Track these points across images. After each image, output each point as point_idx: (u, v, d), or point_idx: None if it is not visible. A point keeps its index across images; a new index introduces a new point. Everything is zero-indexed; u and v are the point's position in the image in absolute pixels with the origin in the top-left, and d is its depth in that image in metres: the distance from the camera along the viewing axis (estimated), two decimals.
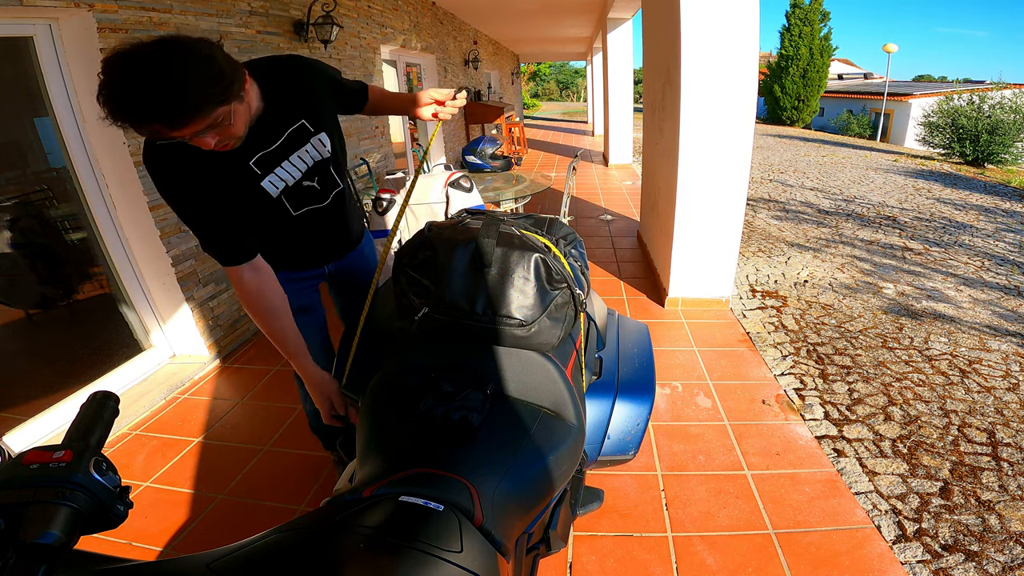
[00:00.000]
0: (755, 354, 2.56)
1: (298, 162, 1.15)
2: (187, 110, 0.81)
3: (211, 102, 0.84)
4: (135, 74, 0.77)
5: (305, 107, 1.13)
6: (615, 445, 1.14)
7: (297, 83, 1.12)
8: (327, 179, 1.23)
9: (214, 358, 2.64)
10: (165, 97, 0.78)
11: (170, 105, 0.79)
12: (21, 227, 2.24)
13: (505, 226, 0.99)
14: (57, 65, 2.03)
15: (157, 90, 0.78)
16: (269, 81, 1.07)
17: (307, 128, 1.14)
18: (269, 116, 1.07)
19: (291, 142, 1.12)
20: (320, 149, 1.17)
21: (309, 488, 1.79)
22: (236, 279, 1.10)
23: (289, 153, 1.13)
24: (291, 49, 3.33)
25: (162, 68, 0.78)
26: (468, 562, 0.53)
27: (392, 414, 0.85)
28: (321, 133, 1.16)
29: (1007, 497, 1.67)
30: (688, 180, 2.76)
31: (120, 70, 0.78)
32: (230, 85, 0.87)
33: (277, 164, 1.12)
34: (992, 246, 4.23)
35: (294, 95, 1.11)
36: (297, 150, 1.14)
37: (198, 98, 0.82)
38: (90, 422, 0.55)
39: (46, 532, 0.44)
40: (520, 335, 0.92)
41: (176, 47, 0.81)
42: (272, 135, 1.09)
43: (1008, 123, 9.26)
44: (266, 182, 1.11)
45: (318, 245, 1.33)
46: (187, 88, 0.80)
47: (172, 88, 0.78)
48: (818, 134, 15.72)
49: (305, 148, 1.15)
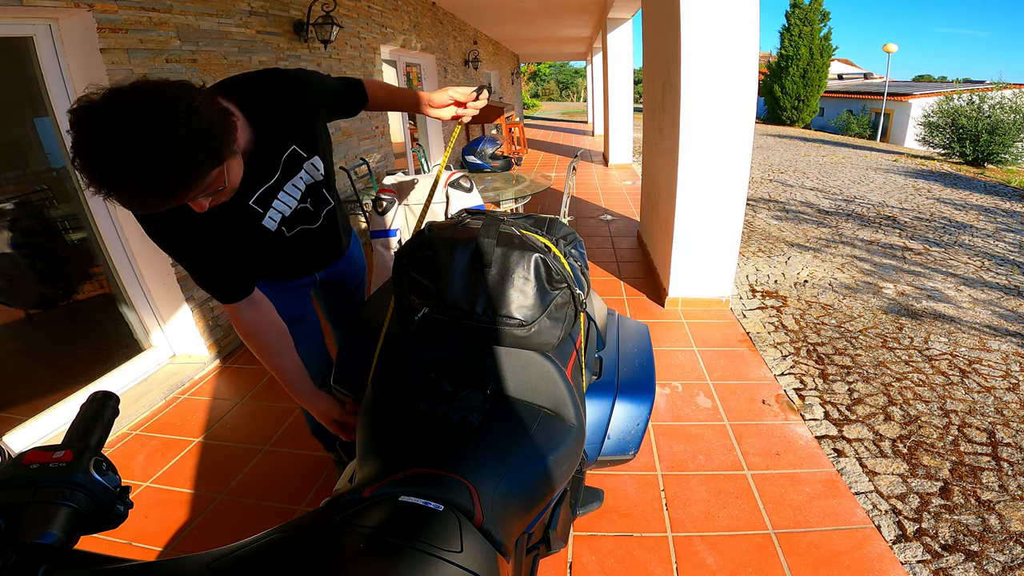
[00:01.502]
0: (755, 354, 2.56)
1: (293, 190, 1.08)
2: (182, 181, 0.70)
3: (207, 165, 0.73)
4: (118, 139, 0.64)
5: (295, 130, 1.03)
6: (615, 445, 1.14)
7: (284, 103, 0.99)
8: (319, 200, 1.16)
9: (214, 358, 2.64)
10: (157, 167, 0.66)
11: (164, 177, 0.67)
12: (21, 227, 2.23)
13: (505, 226, 0.99)
14: (57, 65, 2.03)
15: (147, 159, 0.65)
16: (253, 105, 0.95)
17: (299, 153, 1.05)
18: (261, 147, 0.97)
19: (285, 171, 1.04)
20: (313, 173, 1.10)
21: (309, 488, 1.79)
22: (235, 315, 1.07)
23: (284, 183, 1.05)
24: (291, 49, 3.33)
25: (149, 131, 0.65)
26: (468, 562, 0.53)
27: (392, 414, 0.85)
28: (314, 157, 1.08)
29: (1007, 497, 1.67)
30: (688, 180, 2.76)
31: (98, 133, 0.64)
32: (223, 141, 0.76)
33: (274, 197, 1.05)
34: (992, 246, 4.23)
35: (282, 118, 0.99)
36: (291, 179, 1.06)
37: (194, 164, 0.70)
38: (90, 422, 0.55)
39: (46, 532, 0.44)
40: (520, 335, 0.92)
41: (161, 101, 0.67)
42: (268, 168, 1.01)
43: (1008, 123, 9.26)
44: (267, 219, 1.06)
45: (309, 259, 1.29)
46: (181, 154, 0.68)
47: (164, 155, 0.66)
48: (818, 134, 15.72)
49: (299, 175, 1.07)
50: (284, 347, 1.11)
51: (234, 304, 1.05)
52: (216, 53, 2.63)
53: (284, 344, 1.12)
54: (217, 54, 2.64)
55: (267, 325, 1.09)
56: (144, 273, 2.43)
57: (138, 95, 0.67)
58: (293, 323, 1.19)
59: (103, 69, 2.03)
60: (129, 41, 2.13)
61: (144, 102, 0.66)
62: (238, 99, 0.93)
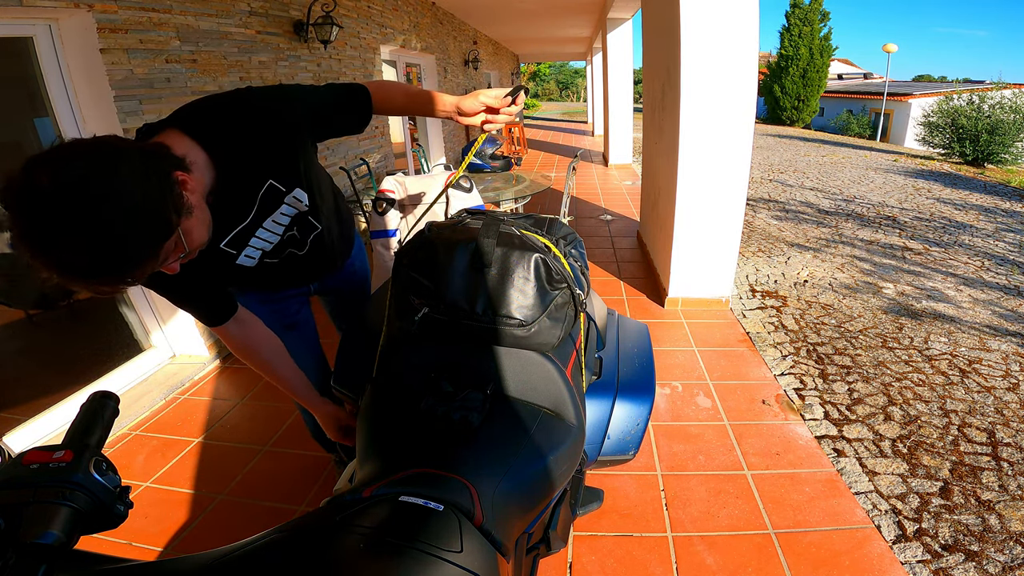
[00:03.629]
0: (755, 354, 2.56)
1: (273, 226, 0.99)
2: (130, 263, 0.63)
3: (152, 243, 0.66)
4: (45, 236, 0.59)
5: (271, 162, 0.90)
6: (615, 445, 1.14)
7: (255, 134, 0.85)
8: (305, 227, 1.08)
9: (214, 358, 2.64)
10: (99, 257, 0.60)
11: (110, 264, 0.62)
12: None
13: (505, 226, 0.99)
14: (57, 65, 2.03)
15: (81, 252, 0.59)
16: (217, 140, 0.83)
17: (278, 188, 0.93)
18: (230, 186, 0.86)
19: (262, 209, 0.94)
20: (296, 205, 0.99)
21: (309, 488, 1.79)
22: (224, 336, 1.04)
23: (261, 221, 0.96)
24: (291, 49, 3.33)
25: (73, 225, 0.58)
26: (468, 562, 0.53)
27: (392, 414, 0.85)
28: (296, 189, 0.96)
29: (1007, 497, 1.67)
30: (688, 180, 2.76)
31: (23, 225, 0.59)
32: (164, 211, 0.66)
33: (251, 236, 0.96)
34: (992, 246, 4.23)
35: (254, 151, 0.86)
36: (270, 215, 0.96)
37: (136, 247, 0.63)
38: (90, 422, 0.55)
39: (46, 532, 0.44)
40: (520, 335, 0.92)
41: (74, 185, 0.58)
42: (241, 208, 0.91)
43: (1008, 123, 9.26)
44: (242, 258, 0.99)
45: (299, 276, 1.22)
46: (116, 240, 0.61)
47: (99, 246, 0.60)
48: (818, 134, 15.72)
49: (280, 211, 0.97)
50: (280, 357, 1.10)
51: (221, 326, 1.02)
52: (216, 53, 2.63)
53: (279, 355, 1.10)
54: (217, 54, 2.64)
55: (259, 340, 1.07)
56: None
57: (51, 178, 0.58)
58: (286, 331, 1.17)
59: (103, 69, 2.04)
60: (129, 41, 2.13)
61: (56, 189, 0.57)
62: (198, 134, 0.82)
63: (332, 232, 1.19)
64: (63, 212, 0.58)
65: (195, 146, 0.81)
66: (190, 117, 0.83)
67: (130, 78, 2.14)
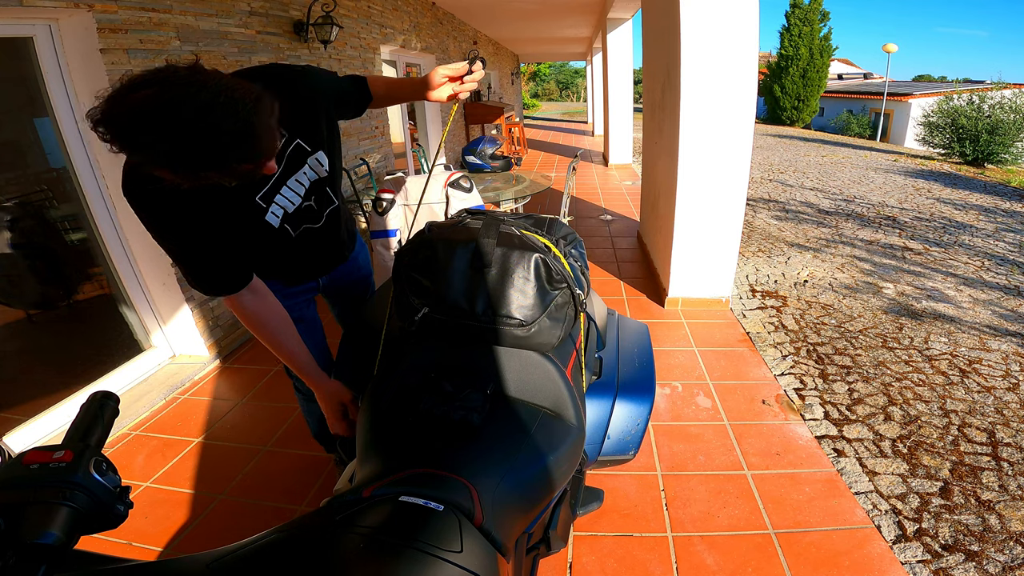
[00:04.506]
0: (755, 354, 2.56)
1: (296, 186, 1.07)
2: (264, 148, 0.77)
3: (275, 138, 0.80)
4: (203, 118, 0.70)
5: (299, 124, 1.01)
6: (615, 445, 1.14)
7: (289, 98, 0.95)
8: (323, 198, 1.15)
9: (214, 358, 2.64)
10: (243, 138, 0.73)
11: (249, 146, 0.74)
12: (21, 227, 2.23)
13: (505, 226, 0.99)
14: (57, 65, 2.03)
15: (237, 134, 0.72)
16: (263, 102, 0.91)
17: (303, 148, 1.04)
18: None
19: (289, 165, 1.03)
20: (318, 169, 1.09)
21: (309, 488, 1.79)
22: (237, 305, 1.06)
23: (287, 178, 1.05)
24: (291, 49, 3.33)
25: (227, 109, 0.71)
26: (468, 562, 0.53)
27: (392, 414, 0.85)
28: (319, 152, 1.07)
29: (1007, 497, 1.67)
30: (688, 180, 2.76)
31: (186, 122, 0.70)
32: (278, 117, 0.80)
33: (277, 192, 1.04)
34: (992, 246, 4.23)
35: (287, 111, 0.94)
36: (295, 173, 1.05)
37: (269, 133, 0.77)
38: (90, 422, 0.55)
39: (46, 532, 0.44)
40: (520, 335, 0.92)
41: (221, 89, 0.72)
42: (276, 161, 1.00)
43: (1008, 123, 9.25)
44: (269, 215, 1.05)
45: (311, 262, 1.27)
46: (258, 126, 0.74)
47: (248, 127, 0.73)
48: (818, 134, 15.72)
49: (303, 170, 1.06)
50: (288, 330, 1.13)
51: (235, 294, 1.04)
52: (216, 53, 2.63)
53: (289, 328, 1.13)
54: (217, 54, 2.64)
55: (270, 310, 1.10)
56: (144, 273, 2.43)
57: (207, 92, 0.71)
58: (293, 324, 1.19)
59: (103, 69, 2.04)
60: (129, 41, 2.13)
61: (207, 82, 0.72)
62: None
63: (343, 214, 1.29)
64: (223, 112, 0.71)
65: None
66: (235, 74, 0.89)
67: None
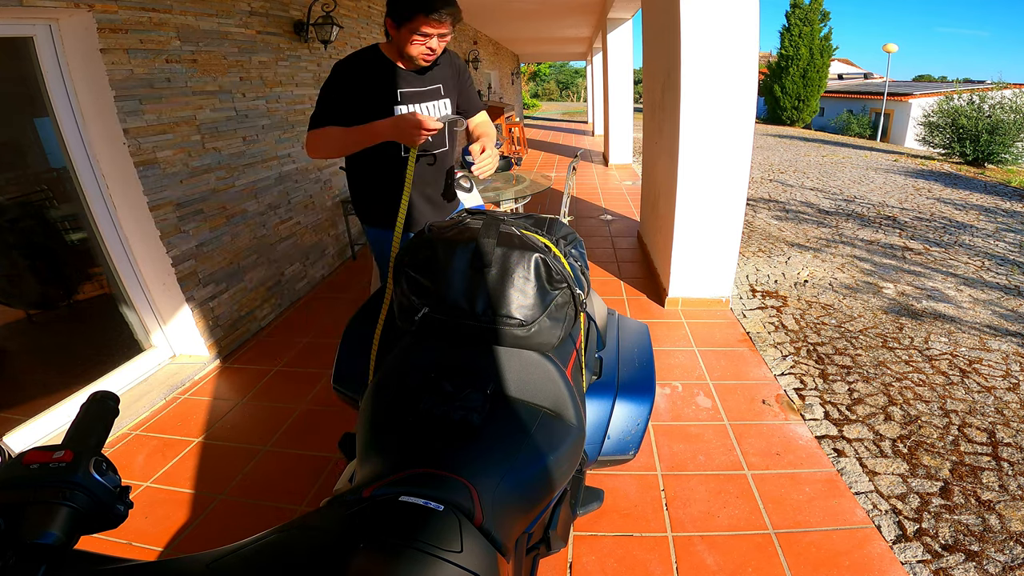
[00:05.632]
0: (755, 354, 2.56)
1: (423, 110, 1.58)
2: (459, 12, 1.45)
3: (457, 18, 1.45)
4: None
5: (447, 78, 1.63)
6: (615, 445, 1.14)
7: (449, 62, 1.64)
8: (440, 137, 1.66)
9: (214, 358, 2.64)
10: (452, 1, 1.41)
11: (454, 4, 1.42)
12: (21, 227, 2.24)
13: (505, 226, 0.99)
14: (57, 65, 2.03)
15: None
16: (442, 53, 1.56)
17: (440, 92, 1.63)
18: (434, 66, 1.58)
19: (429, 93, 1.60)
20: (442, 109, 1.64)
21: (309, 488, 1.79)
22: (312, 133, 1.51)
23: (423, 100, 1.59)
24: (291, 49, 3.33)
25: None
26: (468, 562, 0.53)
27: (392, 414, 0.85)
28: (447, 100, 1.66)
29: (1007, 497, 1.67)
30: (688, 180, 2.76)
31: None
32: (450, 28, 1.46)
33: (412, 101, 1.57)
34: (992, 246, 4.23)
35: (445, 67, 1.63)
36: (429, 100, 1.61)
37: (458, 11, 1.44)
38: (90, 422, 0.55)
39: (46, 532, 0.44)
40: (520, 335, 0.92)
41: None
42: (423, 80, 1.58)
43: (1008, 123, 9.25)
44: (398, 108, 1.54)
45: (418, 196, 1.70)
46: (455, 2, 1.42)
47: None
48: (818, 134, 15.72)
49: (433, 103, 1.62)
50: (339, 130, 1.51)
51: (320, 128, 1.50)
52: (216, 53, 2.63)
53: (339, 130, 1.51)
54: (217, 54, 2.64)
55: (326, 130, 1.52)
56: (144, 273, 2.43)
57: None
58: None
59: (103, 69, 2.04)
60: (129, 41, 2.13)
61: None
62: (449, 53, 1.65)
63: (445, 165, 1.75)
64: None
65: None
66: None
67: (130, 78, 2.14)
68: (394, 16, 1.42)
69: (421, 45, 1.44)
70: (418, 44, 1.44)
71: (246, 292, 2.88)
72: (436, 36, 1.42)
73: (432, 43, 1.43)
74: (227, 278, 2.73)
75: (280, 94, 3.19)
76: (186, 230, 2.45)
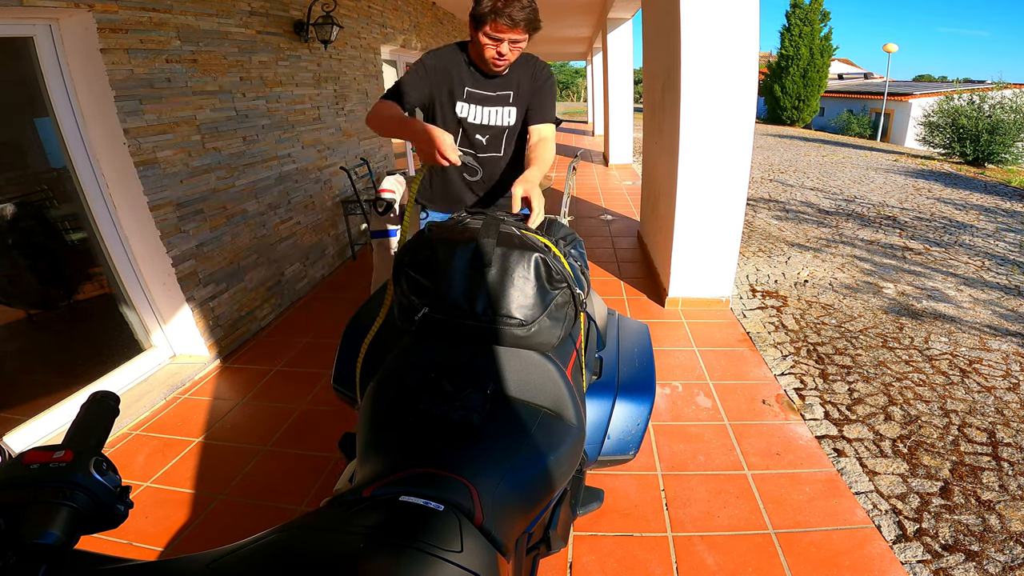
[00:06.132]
0: (755, 354, 2.56)
1: (485, 112, 1.59)
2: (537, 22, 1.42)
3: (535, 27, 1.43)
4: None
5: (519, 85, 1.58)
6: (615, 445, 1.14)
7: (527, 69, 1.58)
8: (493, 144, 1.65)
9: (214, 358, 2.64)
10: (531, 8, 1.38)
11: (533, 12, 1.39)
12: (21, 227, 2.24)
13: (505, 226, 0.99)
14: (57, 65, 2.03)
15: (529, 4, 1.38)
16: (521, 58, 1.55)
17: (508, 99, 1.59)
18: (509, 71, 1.57)
19: (497, 99, 1.59)
20: (505, 117, 1.61)
21: (309, 488, 1.79)
22: (378, 103, 1.51)
23: (488, 104, 1.59)
24: (291, 49, 3.33)
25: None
26: (468, 562, 0.53)
27: (392, 414, 0.85)
28: (514, 109, 1.61)
29: (1007, 497, 1.67)
30: (688, 180, 2.76)
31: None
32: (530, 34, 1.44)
33: (475, 102, 1.58)
34: (993, 246, 4.22)
35: (521, 73, 1.58)
36: (493, 105, 1.59)
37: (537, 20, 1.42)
38: (90, 422, 0.55)
39: (46, 532, 0.44)
40: (520, 335, 0.92)
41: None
42: (492, 84, 1.57)
43: (1008, 123, 9.25)
44: (459, 104, 1.57)
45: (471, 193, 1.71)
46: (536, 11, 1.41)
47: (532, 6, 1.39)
48: (818, 134, 15.71)
49: (497, 108, 1.59)
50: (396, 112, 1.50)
51: (386, 101, 1.51)
52: (216, 53, 2.63)
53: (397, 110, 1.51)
54: (217, 54, 2.64)
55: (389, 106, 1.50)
56: (144, 273, 2.43)
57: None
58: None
59: (103, 69, 2.04)
60: (129, 41, 2.13)
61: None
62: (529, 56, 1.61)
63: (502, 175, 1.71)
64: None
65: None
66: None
67: (131, 78, 2.14)
68: (472, 17, 1.43)
69: (492, 49, 1.43)
70: (489, 48, 1.43)
71: (246, 292, 2.88)
72: (507, 41, 1.40)
73: (503, 48, 1.41)
74: (227, 278, 2.73)
75: (280, 94, 3.19)
76: (186, 230, 2.45)
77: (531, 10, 1.38)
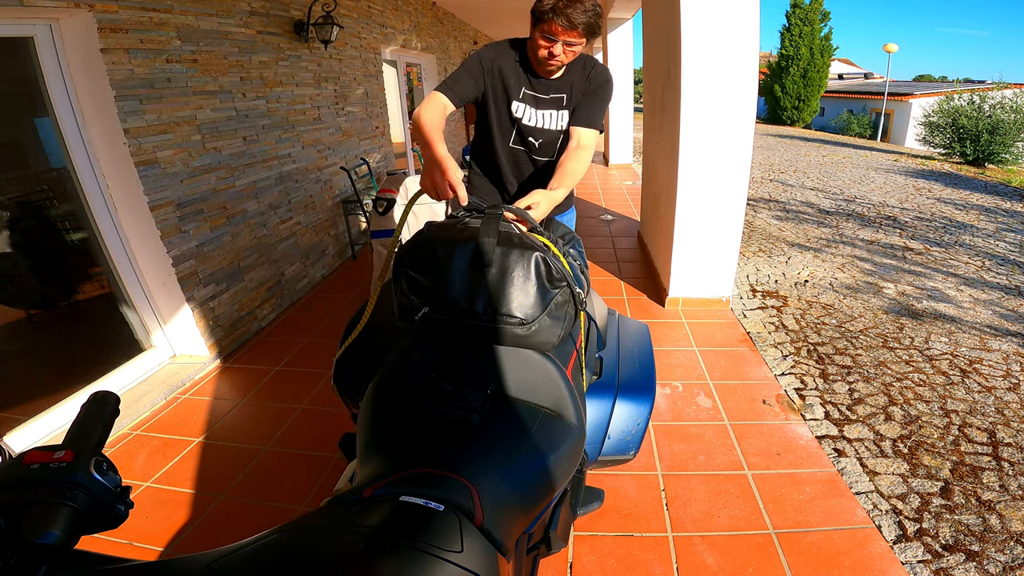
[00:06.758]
0: (755, 354, 2.56)
1: (540, 116, 1.58)
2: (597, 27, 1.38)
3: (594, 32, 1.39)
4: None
5: (573, 87, 1.55)
6: (615, 445, 1.14)
7: (582, 73, 1.54)
8: (546, 149, 1.64)
9: (214, 358, 2.64)
10: (593, 13, 1.35)
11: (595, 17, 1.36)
12: (21, 227, 2.24)
13: (504, 225, 0.99)
14: (57, 65, 2.03)
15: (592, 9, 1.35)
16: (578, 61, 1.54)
17: (563, 102, 1.57)
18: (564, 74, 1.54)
19: (551, 102, 1.56)
20: (557, 120, 1.59)
21: (309, 488, 1.79)
22: (430, 97, 1.45)
23: (542, 107, 1.57)
24: (291, 49, 3.33)
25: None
26: (468, 562, 0.53)
27: (393, 414, 0.85)
28: (565, 112, 1.58)
29: (1008, 497, 1.67)
30: (688, 180, 2.76)
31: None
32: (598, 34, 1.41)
33: (529, 104, 1.56)
34: (993, 246, 4.22)
35: (576, 75, 1.54)
36: (547, 108, 1.57)
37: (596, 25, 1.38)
38: (91, 422, 0.55)
39: (47, 532, 0.43)
40: (520, 334, 0.92)
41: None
42: (552, 89, 1.55)
43: (1008, 123, 9.25)
44: (515, 103, 1.56)
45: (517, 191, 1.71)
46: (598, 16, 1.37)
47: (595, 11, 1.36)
48: (818, 134, 15.71)
49: (550, 112, 1.58)
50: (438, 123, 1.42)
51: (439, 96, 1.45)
52: (216, 53, 2.63)
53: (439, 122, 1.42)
54: (217, 54, 2.64)
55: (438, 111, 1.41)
56: (144, 273, 2.43)
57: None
58: None
59: (103, 69, 2.04)
60: (129, 41, 2.13)
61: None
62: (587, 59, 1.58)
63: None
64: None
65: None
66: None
67: (131, 78, 2.14)
68: (532, 12, 1.41)
69: (545, 49, 1.41)
70: (543, 48, 1.41)
71: (246, 292, 2.88)
72: (562, 42, 1.38)
73: (556, 49, 1.39)
74: (227, 278, 2.73)
75: (280, 94, 3.19)
76: (186, 230, 2.45)
77: (592, 14, 1.34)
